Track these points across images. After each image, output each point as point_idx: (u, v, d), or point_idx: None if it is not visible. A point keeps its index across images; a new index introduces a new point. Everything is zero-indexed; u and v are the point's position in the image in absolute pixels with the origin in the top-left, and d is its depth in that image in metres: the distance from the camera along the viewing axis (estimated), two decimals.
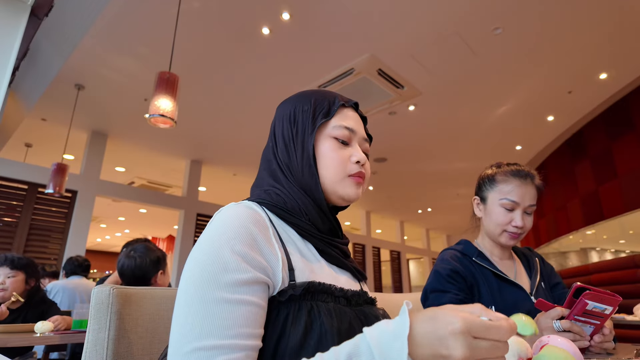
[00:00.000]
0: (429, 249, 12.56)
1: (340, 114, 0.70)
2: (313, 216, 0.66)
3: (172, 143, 6.12)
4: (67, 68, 4.06)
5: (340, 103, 0.71)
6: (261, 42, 3.80)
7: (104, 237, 14.00)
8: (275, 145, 0.71)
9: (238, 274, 0.51)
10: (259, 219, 0.58)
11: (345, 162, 0.68)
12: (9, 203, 4.80)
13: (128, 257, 1.82)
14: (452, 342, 0.37)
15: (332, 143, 0.68)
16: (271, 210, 0.64)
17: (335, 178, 0.67)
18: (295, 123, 0.69)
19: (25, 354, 2.22)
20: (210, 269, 0.51)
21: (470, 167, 7.19)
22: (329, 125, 0.69)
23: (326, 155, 0.67)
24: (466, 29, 3.71)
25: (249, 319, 0.50)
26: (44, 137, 5.85)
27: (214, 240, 0.54)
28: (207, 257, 0.53)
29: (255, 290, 0.52)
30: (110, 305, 0.73)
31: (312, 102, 0.70)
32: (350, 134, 0.69)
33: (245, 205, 0.60)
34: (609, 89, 5.10)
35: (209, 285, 0.50)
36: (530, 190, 1.15)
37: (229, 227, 0.55)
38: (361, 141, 0.72)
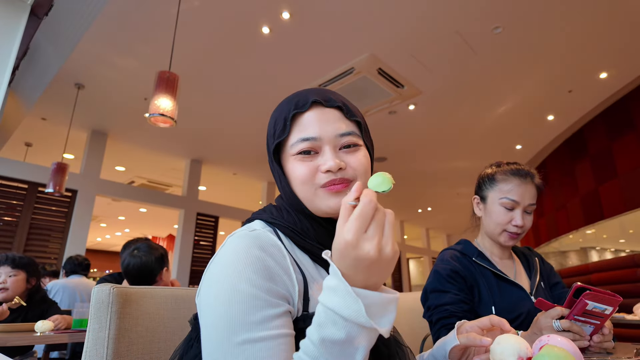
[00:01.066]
0: (428, 248, 12.56)
1: (298, 124, 0.62)
2: (321, 235, 0.63)
3: (172, 142, 6.12)
4: (67, 67, 4.06)
5: (293, 112, 0.62)
6: (261, 41, 3.80)
7: (104, 237, 14.02)
8: None
9: (265, 310, 0.50)
10: (274, 251, 0.55)
11: (313, 176, 0.61)
12: (9, 202, 4.80)
13: (133, 256, 1.82)
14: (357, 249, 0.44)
15: (295, 160, 0.62)
16: (283, 232, 0.62)
17: (307, 196, 0.62)
18: (268, 148, 0.67)
19: (25, 353, 2.22)
20: (236, 309, 0.49)
21: (470, 167, 7.19)
22: (288, 144, 0.63)
23: (292, 175, 0.63)
24: (466, 28, 3.71)
25: (287, 350, 0.49)
26: (44, 137, 5.86)
27: (232, 274, 0.52)
28: (229, 296, 0.50)
29: (284, 322, 0.51)
30: (110, 305, 0.73)
31: (274, 122, 0.65)
32: (312, 142, 0.61)
33: (258, 233, 0.57)
34: (610, 88, 5.10)
35: (240, 327, 0.48)
36: (530, 190, 1.15)
37: (245, 260, 0.53)
38: (334, 140, 0.61)
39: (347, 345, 0.44)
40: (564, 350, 0.45)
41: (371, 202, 0.45)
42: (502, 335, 0.53)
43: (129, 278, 1.82)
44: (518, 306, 1.10)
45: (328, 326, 0.44)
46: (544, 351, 0.46)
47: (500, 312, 1.09)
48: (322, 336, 0.44)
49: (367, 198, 0.45)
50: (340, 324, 0.43)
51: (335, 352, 0.44)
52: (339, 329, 0.43)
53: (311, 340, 0.45)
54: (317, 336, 0.45)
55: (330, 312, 0.44)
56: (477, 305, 1.12)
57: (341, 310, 0.43)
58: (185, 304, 0.84)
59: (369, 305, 0.43)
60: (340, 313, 0.43)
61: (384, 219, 0.46)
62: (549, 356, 0.45)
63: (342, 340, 0.43)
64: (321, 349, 0.44)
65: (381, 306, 0.45)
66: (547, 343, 0.49)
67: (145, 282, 1.82)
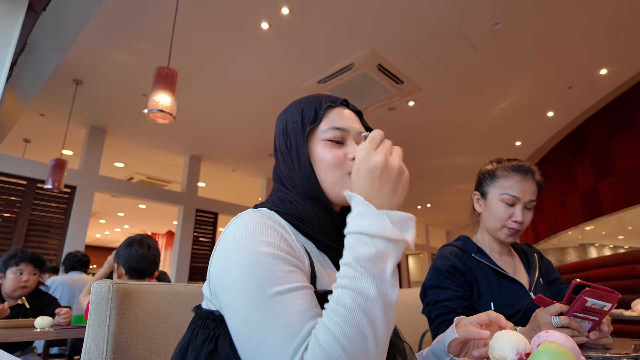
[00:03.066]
0: (428, 244, 12.59)
1: (329, 116, 0.70)
2: (325, 224, 0.66)
3: (171, 139, 6.11)
4: (65, 63, 4.04)
5: (327, 105, 0.70)
6: (260, 37, 3.78)
7: (104, 233, 14.02)
8: (277, 159, 0.73)
9: (286, 265, 0.52)
10: (280, 225, 0.59)
11: (342, 162, 0.67)
12: (8, 199, 4.79)
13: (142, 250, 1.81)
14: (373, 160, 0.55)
15: (325, 145, 0.68)
16: (287, 220, 0.64)
17: (334, 180, 0.66)
18: (288, 136, 0.70)
19: (25, 349, 2.22)
20: (260, 268, 0.51)
21: (470, 163, 7.19)
22: (318, 131, 0.69)
23: (321, 160, 0.67)
24: (466, 24, 3.70)
25: (312, 299, 0.51)
26: (43, 133, 5.84)
27: (248, 239, 0.54)
28: (250, 257, 0.52)
29: (303, 277, 0.53)
30: (110, 301, 0.73)
31: (300, 111, 0.71)
32: (343, 133, 0.69)
33: (263, 212, 0.61)
34: (609, 85, 5.09)
35: (268, 282, 0.50)
36: (530, 186, 1.16)
37: (258, 226, 0.56)
38: (357, 137, 0.70)
39: (377, 260, 0.48)
40: (563, 346, 0.45)
41: (380, 132, 0.57)
42: (501, 331, 0.54)
43: (134, 272, 1.80)
44: (517, 302, 1.10)
45: (359, 247, 0.49)
46: (542, 347, 0.46)
47: (499, 308, 1.09)
48: (355, 256, 0.49)
49: (377, 130, 0.57)
50: (369, 242, 0.49)
51: (369, 267, 0.48)
52: (369, 247, 0.49)
53: (346, 262, 0.50)
54: (351, 258, 0.49)
55: (359, 235, 0.50)
56: (476, 301, 1.12)
57: (368, 229, 0.49)
58: (185, 300, 0.84)
59: (391, 221, 0.50)
60: (368, 231, 0.49)
61: (391, 145, 0.56)
62: (547, 352, 0.45)
63: (373, 255, 0.48)
64: (356, 267, 0.48)
65: (402, 222, 0.51)
66: (545, 339, 0.49)
67: (146, 276, 1.81)
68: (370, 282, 0.47)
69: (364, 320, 0.45)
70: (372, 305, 0.46)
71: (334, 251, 0.65)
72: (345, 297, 0.46)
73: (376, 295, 0.46)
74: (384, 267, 0.48)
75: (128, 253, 1.77)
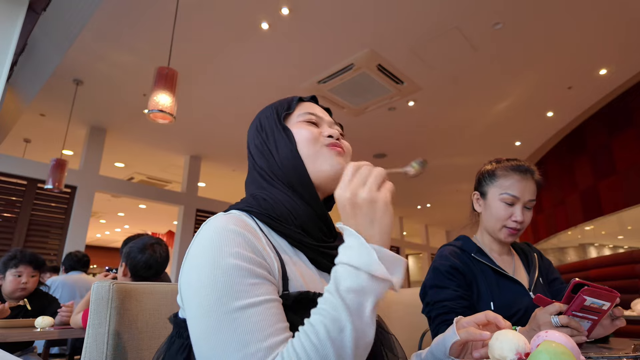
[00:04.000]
0: (428, 244, 12.58)
1: (301, 107, 0.75)
2: (302, 219, 0.65)
3: (171, 139, 6.11)
4: (65, 63, 4.04)
5: (298, 98, 0.76)
6: (260, 37, 3.78)
7: (104, 233, 14.02)
8: (252, 158, 0.73)
9: (251, 279, 0.51)
10: (249, 229, 0.57)
11: (317, 137, 0.69)
12: (8, 199, 4.80)
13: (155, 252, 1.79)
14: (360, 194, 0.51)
15: (301, 125, 0.71)
16: (260, 220, 0.63)
17: (312, 152, 0.68)
18: (263, 129, 0.73)
19: (26, 349, 2.23)
20: (221, 281, 0.50)
21: (470, 163, 7.18)
22: (292, 117, 0.73)
23: (298, 138, 0.69)
24: (466, 24, 3.70)
25: (276, 314, 0.50)
26: (43, 133, 5.84)
27: (212, 250, 0.53)
28: (212, 270, 0.51)
29: (270, 290, 0.52)
30: (110, 301, 0.73)
31: (273, 107, 0.75)
32: (317, 118, 0.73)
33: (234, 215, 0.59)
34: (609, 85, 5.09)
35: (228, 297, 0.49)
36: (530, 185, 1.16)
37: (224, 235, 0.54)
38: (330, 124, 0.74)
39: (358, 294, 0.47)
40: (562, 346, 0.45)
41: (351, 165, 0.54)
42: (501, 331, 0.54)
43: (139, 277, 1.78)
44: (517, 302, 1.11)
45: (343, 278, 0.48)
46: (541, 347, 0.46)
47: (499, 308, 1.09)
48: (337, 286, 0.48)
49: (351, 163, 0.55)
50: (353, 274, 0.48)
51: (348, 299, 0.47)
52: (352, 279, 0.48)
53: (329, 290, 0.49)
54: (334, 287, 0.48)
55: (346, 266, 0.49)
56: (476, 301, 1.12)
57: (355, 260, 0.48)
58: None
59: (380, 258, 0.48)
60: (354, 264, 0.48)
61: (366, 173, 0.53)
62: (547, 352, 0.45)
63: (354, 288, 0.47)
64: (336, 297, 0.47)
65: (391, 262, 0.49)
66: (545, 339, 0.49)
67: (155, 278, 1.81)
68: (347, 316, 0.46)
69: (331, 353, 0.44)
70: (343, 340, 0.45)
71: (310, 248, 0.64)
72: (320, 325, 0.46)
73: (350, 332, 0.45)
74: (363, 302, 0.47)
75: (139, 258, 1.75)
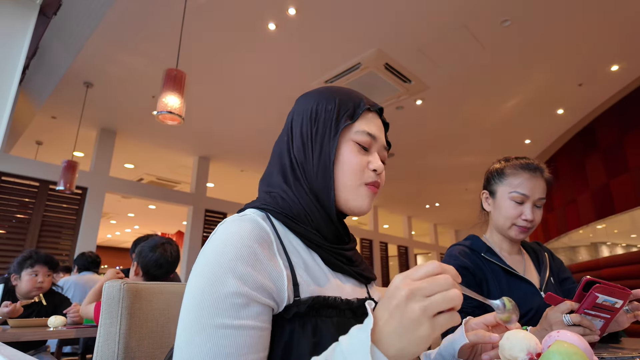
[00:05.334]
0: (437, 244, 12.51)
1: (365, 118, 0.67)
2: (318, 222, 0.63)
3: (180, 140, 6.16)
4: (76, 66, 4.10)
5: (366, 107, 0.67)
6: (267, 37, 3.80)
7: (114, 233, 14.18)
8: (292, 141, 0.67)
9: (238, 299, 0.50)
10: (263, 235, 0.56)
11: (364, 169, 0.65)
12: (22, 200, 4.87)
13: (165, 251, 1.84)
14: (408, 310, 0.40)
15: (353, 147, 0.65)
16: (276, 217, 0.62)
17: (351, 184, 0.64)
18: (317, 121, 0.66)
19: (39, 348, 2.26)
20: (210, 294, 0.50)
21: (479, 162, 7.13)
22: (352, 129, 0.65)
23: (345, 160, 0.64)
24: (474, 22, 3.67)
25: (251, 344, 0.49)
26: (54, 135, 5.93)
27: (215, 261, 0.52)
28: (207, 282, 0.51)
29: (257, 314, 0.51)
30: (121, 300, 0.74)
31: (336, 101, 0.66)
32: (372, 140, 0.66)
33: (249, 219, 0.58)
34: (621, 81, 5.01)
35: (210, 312, 0.49)
36: (539, 183, 1.15)
37: (231, 247, 0.53)
38: (380, 149, 0.68)
39: None
40: (574, 346, 0.45)
41: (437, 265, 0.43)
42: (512, 331, 0.53)
43: (151, 277, 1.81)
44: (527, 302, 1.09)
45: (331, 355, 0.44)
46: (553, 347, 0.46)
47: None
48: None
49: (432, 263, 0.43)
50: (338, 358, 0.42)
51: None
52: None
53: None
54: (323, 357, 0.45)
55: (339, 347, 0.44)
56: None
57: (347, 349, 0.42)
58: None
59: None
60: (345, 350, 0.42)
61: (439, 285, 0.41)
62: (559, 352, 0.44)
63: None
64: None
65: None
66: (557, 339, 0.48)
67: (160, 279, 1.83)
68: None
69: None
70: None
71: (324, 249, 0.63)
72: None
73: None
74: None
75: (151, 255, 1.80)
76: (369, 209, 0.67)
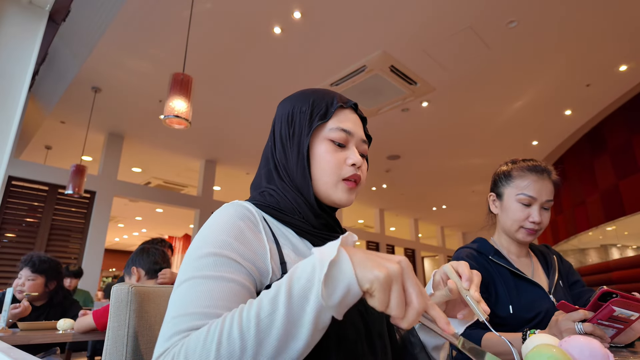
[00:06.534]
0: (444, 246, 12.44)
1: (338, 116, 0.69)
2: (306, 214, 0.67)
3: (186, 143, 6.20)
4: (84, 71, 4.15)
5: (339, 104, 0.69)
6: (273, 41, 3.81)
7: (122, 237, 14.28)
8: (274, 145, 0.72)
9: (219, 258, 0.53)
10: (248, 215, 0.61)
11: (340, 165, 0.67)
12: (31, 204, 4.93)
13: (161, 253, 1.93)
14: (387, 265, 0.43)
15: (328, 145, 0.68)
16: (265, 211, 0.66)
17: (328, 180, 0.67)
18: (293, 123, 0.69)
19: (48, 350, 2.28)
20: (194, 256, 0.54)
21: (486, 163, 7.08)
22: (325, 127, 0.68)
23: (321, 158, 0.67)
24: (480, 23, 3.65)
25: (229, 294, 0.51)
26: (63, 140, 6.00)
27: (201, 235, 0.58)
28: (192, 248, 0.56)
29: (236, 270, 0.54)
30: (129, 303, 0.74)
31: (310, 102, 0.69)
32: (348, 136, 0.68)
33: (237, 203, 0.63)
34: (629, 81, 4.95)
35: (193, 265, 0.53)
36: (547, 185, 1.14)
37: (218, 223, 0.58)
38: (359, 143, 0.71)
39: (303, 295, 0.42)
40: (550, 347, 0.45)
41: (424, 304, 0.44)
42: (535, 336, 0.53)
43: (154, 272, 1.94)
44: (536, 305, 1.08)
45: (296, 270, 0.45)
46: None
47: (517, 312, 1.07)
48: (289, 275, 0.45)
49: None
50: (308, 263, 0.44)
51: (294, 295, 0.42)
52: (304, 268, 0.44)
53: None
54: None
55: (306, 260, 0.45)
56: (494, 304, 1.10)
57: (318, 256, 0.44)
58: None
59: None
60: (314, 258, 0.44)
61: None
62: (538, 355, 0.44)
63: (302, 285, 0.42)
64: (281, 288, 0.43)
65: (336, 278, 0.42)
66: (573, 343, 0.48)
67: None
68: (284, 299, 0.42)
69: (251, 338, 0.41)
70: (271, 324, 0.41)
71: (315, 235, 0.67)
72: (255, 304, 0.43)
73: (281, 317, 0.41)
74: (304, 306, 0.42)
75: (146, 256, 1.88)
76: (350, 202, 0.69)
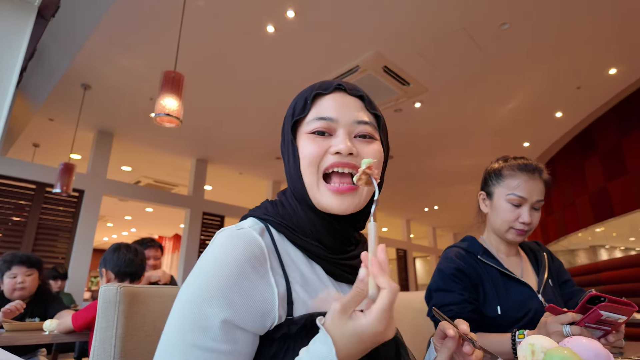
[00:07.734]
0: (435, 247, 12.51)
1: (318, 105, 0.62)
2: (320, 232, 0.60)
3: (177, 142, 6.14)
4: (74, 68, 4.09)
5: (315, 93, 0.62)
6: (266, 40, 3.80)
7: (111, 237, 14.12)
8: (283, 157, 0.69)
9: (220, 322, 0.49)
10: (256, 253, 0.53)
11: (320, 157, 0.59)
12: (18, 203, 4.85)
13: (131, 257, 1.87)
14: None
15: (307, 139, 0.60)
16: (276, 229, 0.60)
17: (309, 181, 0.60)
18: (283, 131, 0.66)
19: (34, 351, 2.24)
20: (195, 309, 0.50)
21: (477, 164, 7.13)
22: (304, 123, 0.61)
23: (301, 155, 0.60)
24: (473, 25, 3.68)
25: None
26: (51, 137, 5.91)
27: (206, 278, 0.51)
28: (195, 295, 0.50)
29: (238, 339, 0.50)
30: (117, 304, 0.73)
31: (293, 104, 0.65)
32: (329, 123, 0.59)
33: (245, 235, 0.55)
34: (619, 84, 5.03)
35: (191, 327, 0.49)
36: (538, 185, 1.13)
37: (224, 265, 0.51)
38: (352, 127, 0.60)
39: None
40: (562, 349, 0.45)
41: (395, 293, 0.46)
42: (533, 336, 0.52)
43: (123, 275, 1.85)
44: (524, 305, 1.08)
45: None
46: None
47: (506, 311, 1.07)
48: None
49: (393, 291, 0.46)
50: None
51: None
52: None
53: None
54: None
55: None
56: (482, 304, 1.10)
57: None
58: None
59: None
60: None
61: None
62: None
63: None
64: None
65: None
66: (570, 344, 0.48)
67: (134, 280, 1.88)
68: None
69: None
70: None
71: (328, 261, 0.60)
72: None
73: None
74: None
75: (116, 258, 1.82)
76: (342, 208, 0.58)
